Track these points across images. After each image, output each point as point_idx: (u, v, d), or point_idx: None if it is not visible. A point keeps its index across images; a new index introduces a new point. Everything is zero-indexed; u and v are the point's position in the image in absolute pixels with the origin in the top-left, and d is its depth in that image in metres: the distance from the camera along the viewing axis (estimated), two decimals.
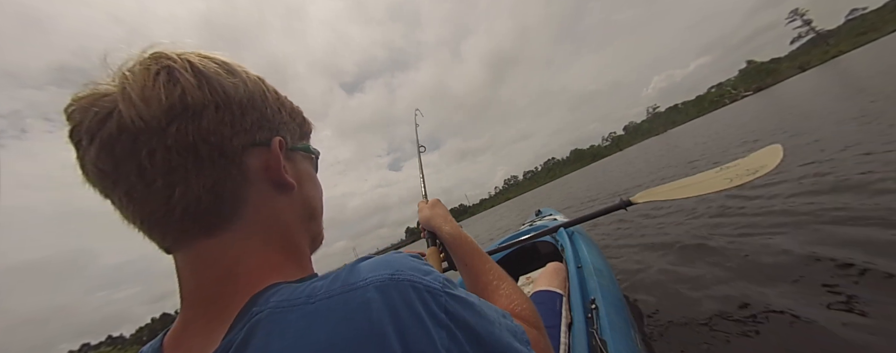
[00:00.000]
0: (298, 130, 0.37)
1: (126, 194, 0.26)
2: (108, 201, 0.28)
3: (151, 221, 0.27)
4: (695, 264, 2.01)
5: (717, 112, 51.99)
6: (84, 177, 0.28)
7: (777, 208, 2.35)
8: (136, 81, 0.26)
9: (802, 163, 3.16)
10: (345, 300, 0.22)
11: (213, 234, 0.28)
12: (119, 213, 0.28)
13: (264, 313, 0.22)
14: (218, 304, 0.26)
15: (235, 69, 0.30)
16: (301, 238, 0.34)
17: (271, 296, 0.24)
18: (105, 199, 0.28)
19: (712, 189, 1.34)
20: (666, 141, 22.27)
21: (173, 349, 0.28)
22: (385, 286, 0.23)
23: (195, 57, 0.28)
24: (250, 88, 0.31)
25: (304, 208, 0.36)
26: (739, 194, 2.95)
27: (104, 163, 0.26)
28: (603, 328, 0.84)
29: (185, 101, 0.26)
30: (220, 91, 0.28)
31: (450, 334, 0.23)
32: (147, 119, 0.25)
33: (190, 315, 0.28)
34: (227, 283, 0.27)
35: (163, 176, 0.26)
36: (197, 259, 0.28)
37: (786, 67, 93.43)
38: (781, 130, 5.60)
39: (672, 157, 9.16)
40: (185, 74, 0.27)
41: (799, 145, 3.89)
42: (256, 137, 0.31)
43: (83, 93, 0.27)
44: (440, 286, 0.25)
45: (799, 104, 8.78)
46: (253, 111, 0.30)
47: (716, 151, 6.52)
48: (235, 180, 0.29)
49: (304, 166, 0.38)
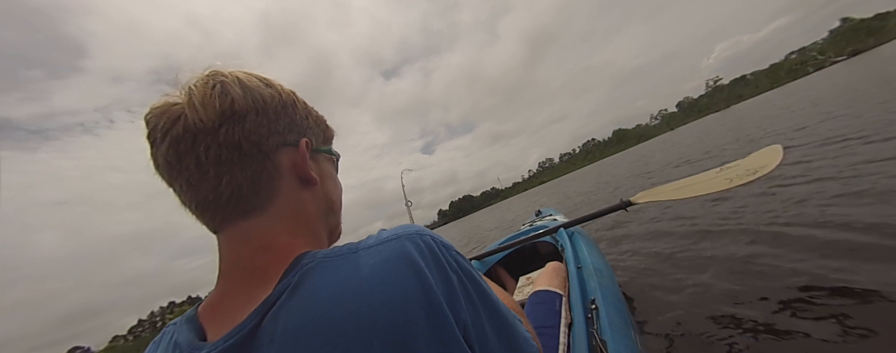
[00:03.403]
0: (322, 135, 0.43)
1: (187, 182, 0.32)
2: (171, 189, 0.34)
3: (204, 204, 0.32)
4: (695, 264, 1.99)
5: (797, 83, 44.95)
6: (155, 169, 0.34)
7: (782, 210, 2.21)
8: (198, 92, 0.32)
9: (836, 157, 2.77)
10: (384, 247, 0.28)
11: (250, 216, 0.33)
12: (178, 199, 0.34)
13: (314, 262, 0.27)
14: (256, 273, 0.30)
15: (272, 83, 0.37)
16: (320, 228, 0.39)
17: (313, 254, 0.29)
18: (169, 187, 0.34)
19: (712, 189, 1.34)
20: (728, 118, 19.88)
21: (210, 315, 0.31)
22: (414, 238, 0.29)
23: (242, 74, 0.35)
24: (284, 98, 0.37)
25: (325, 202, 0.41)
26: (764, 191, 2.77)
27: (171, 156, 0.31)
28: (603, 328, 0.84)
29: (234, 107, 0.32)
30: (259, 99, 0.34)
31: (459, 279, 0.29)
32: (205, 121, 0.31)
33: (228, 285, 0.32)
34: (263, 255, 0.31)
35: (214, 167, 0.31)
36: (238, 237, 0.32)
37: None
38: (882, 101, 4.67)
39: (730, 136, 8.11)
40: (234, 87, 0.33)
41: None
42: (287, 138, 0.36)
43: (158, 103, 0.33)
44: (452, 245, 0.32)
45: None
46: (285, 117, 0.36)
47: (786, 126, 5.64)
48: (270, 172, 0.34)
49: (326, 166, 0.43)
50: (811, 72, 73.52)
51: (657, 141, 43.49)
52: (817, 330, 1.15)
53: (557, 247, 1.60)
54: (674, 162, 7.70)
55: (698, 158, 6.69)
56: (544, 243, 1.86)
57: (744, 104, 54.85)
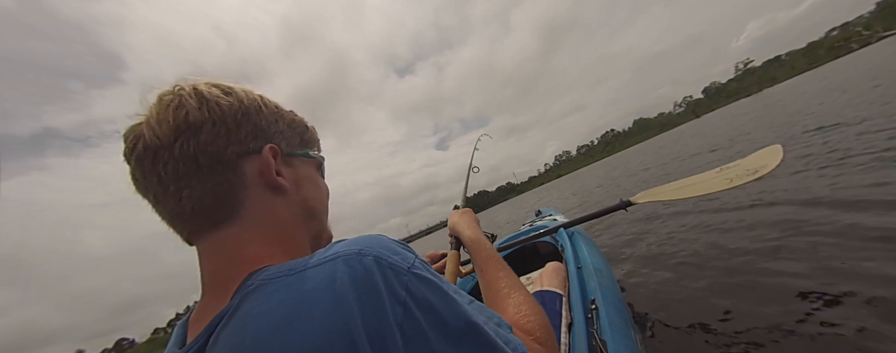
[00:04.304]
0: (298, 139, 0.41)
1: (154, 198, 0.33)
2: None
3: (172, 218, 0.33)
4: (696, 264, 1.97)
5: (839, 62, 41.44)
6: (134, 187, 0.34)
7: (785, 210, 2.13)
8: (154, 108, 0.33)
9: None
10: (317, 271, 0.25)
11: (219, 228, 0.33)
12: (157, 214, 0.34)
13: (254, 285, 0.26)
14: (226, 285, 0.30)
15: (234, 90, 0.36)
16: (300, 235, 0.38)
17: (263, 272, 0.28)
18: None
19: (713, 190, 1.35)
20: (761, 102, 18.55)
21: (195, 324, 0.32)
22: (351, 260, 0.25)
23: (203, 84, 0.34)
24: (245, 104, 0.35)
25: (303, 208, 0.39)
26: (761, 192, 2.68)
27: (138, 174, 0.32)
28: (603, 328, 0.83)
29: (188, 120, 0.32)
30: (216, 109, 0.33)
31: (407, 311, 0.24)
32: (161, 137, 0.31)
33: (206, 294, 0.32)
34: (232, 267, 0.31)
35: (174, 182, 0.31)
36: (209, 249, 0.33)
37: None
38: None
39: (761, 122, 7.43)
40: (189, 100, 0.32)
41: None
42: (250, 146, 0.35)
43: (133, 122, 0.33)
44: (406, 266, 0.27)
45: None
46: (247, 124, 0.35)
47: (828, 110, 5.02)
48: (232, 183, 0.33)
49: (305, 170, 0.41)
50: (855, 49, 67.54)
51: (682, 129, 41.53)
52: (818, 331, 1.12)
53: (557, 247, 1.60)
54: (696, 151, 7.27)
55: (725, 145, 6.30)
56: (544, 243, 1.85)
57: (778, 87, 51.29)
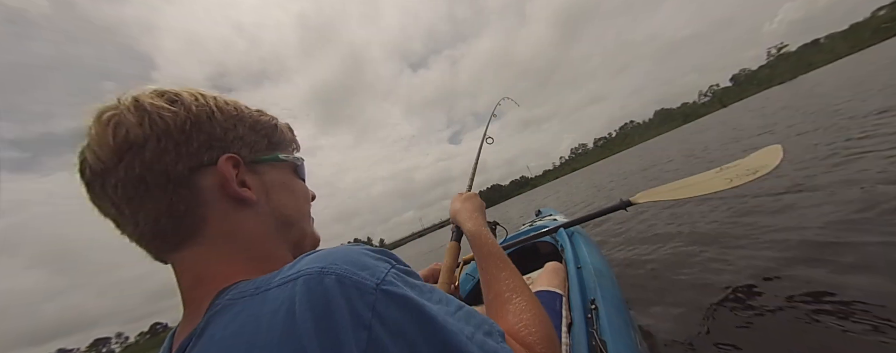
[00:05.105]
0: (264, 142, 0.38)
1: (114, 222, 0.32)
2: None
3: (136, 240, 0.32)
4: (696, 264, 1.97)
5: (885, 44, 38.01)
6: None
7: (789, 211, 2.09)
8: (93, 130, 0.30)
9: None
10: (278, 292, 0.23)
11: (183, 247, 0.31)
12: None
13: (220, 306, 0.25)
14: (198, 304, 0.29)
15: (182, 98, 0.32)
16: (275, 247, 0.36)
17: (231, 290, 0.27)
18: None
19: (712, 190, 1.36)
20: (796, 89, 17.34)
21: (177, 339, 0.31)
22: (311, 281, 0.23)
23: (146, 95, 0.31)
24: (194, 112, 0.32)
25: (275, 217, 0.37)
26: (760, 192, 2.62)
27: (92, 199, 0.31)
28: (603, 328, 0.83)
29: (129, 139, 0.29)
30: (159, 123, 0.30)
31: (372, 336, 0.22)
32: (104, 160, 0.29)
33: (185, 312, 0.32)
34: (201, 286, 0.31)
35: (127, 205, 0.30)
36: (180, 268, 0.32)
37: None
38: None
39: (793, 110, 6.89)
40: (129, 115, 0.30)
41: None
42: (204, 159, 0.32)
43: (83, 142, 0.31)
44: (374, 283, 0.24)
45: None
46: (199, 134, 0.32)
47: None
48: (187, 200, 0.31)
49: (274, 176, 0.38)
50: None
51: (706, 119, 39.36)
52: (820, 331, 1.12)
53: (557, 247, 1.59)
54: (722, 141, 6.86)
55: (751, 135, 5.96)
56: (544, 243, 1.84)
57: (814, 73, 47.70)
